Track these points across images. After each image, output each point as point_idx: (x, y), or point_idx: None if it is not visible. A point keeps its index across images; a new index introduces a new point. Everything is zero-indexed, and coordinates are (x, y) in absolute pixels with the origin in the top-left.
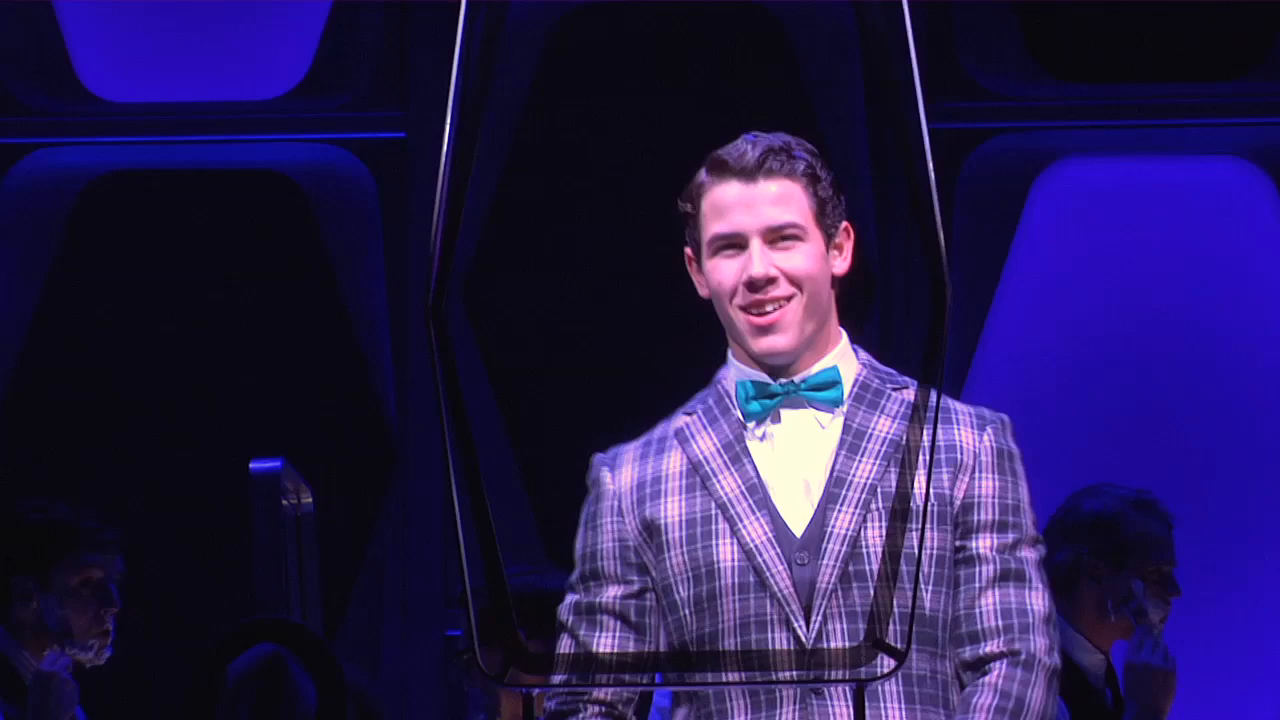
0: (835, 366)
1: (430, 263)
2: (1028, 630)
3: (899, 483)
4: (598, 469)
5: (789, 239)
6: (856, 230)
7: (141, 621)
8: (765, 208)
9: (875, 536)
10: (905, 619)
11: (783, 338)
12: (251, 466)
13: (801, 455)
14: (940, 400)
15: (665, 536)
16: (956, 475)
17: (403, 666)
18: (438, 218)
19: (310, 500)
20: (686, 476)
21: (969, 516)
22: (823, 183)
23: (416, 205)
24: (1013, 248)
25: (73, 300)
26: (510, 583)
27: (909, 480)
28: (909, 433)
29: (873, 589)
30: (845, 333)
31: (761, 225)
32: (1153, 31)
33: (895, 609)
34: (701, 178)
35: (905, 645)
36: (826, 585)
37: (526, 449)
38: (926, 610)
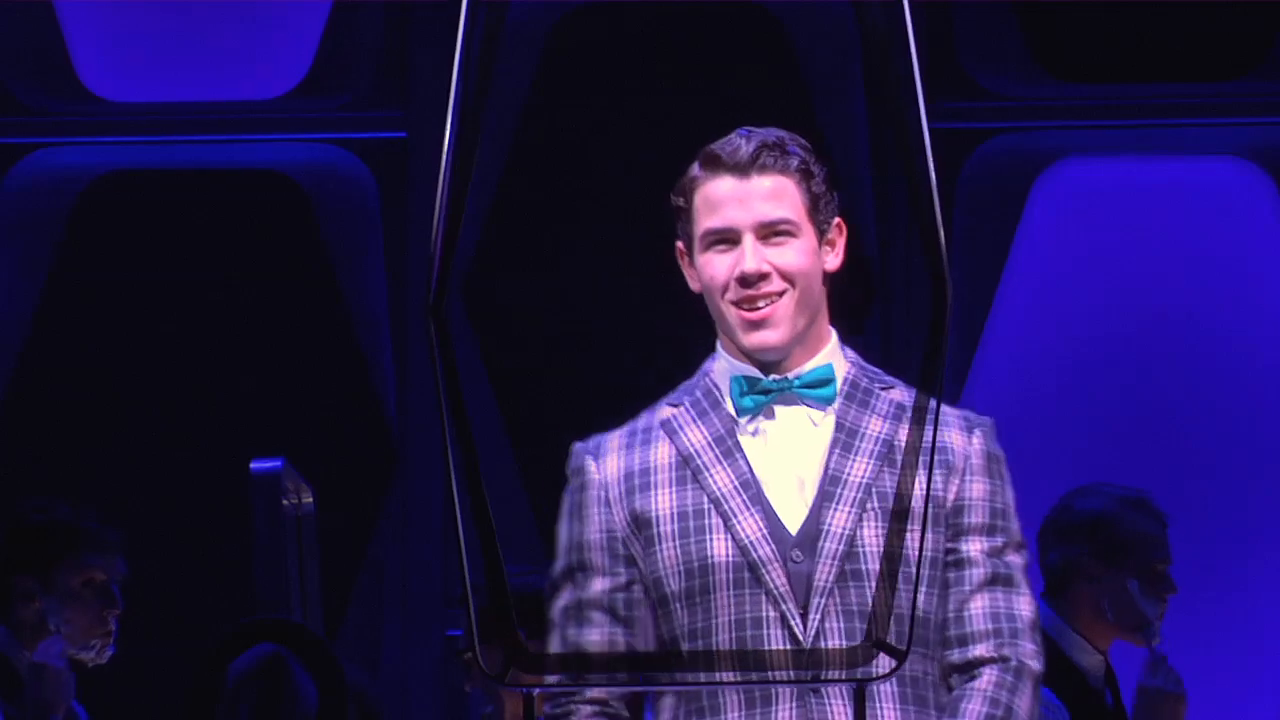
0: (830, 364)
1: (430, 263)
2: (1016, 635)
3: (895, 483)
4: (580, 457)
5: (782, 234)
6: (849, 226)
7: (142, 621)
8: (758, 203)
9: (871, 536)
10: (903, 619)
11: (774, 333)
12: (252, 466)
13: (795, 452)
14: (940, 403)
15: (656, 530)
16: (948, 477)
17: (403, 666)
18: (438, 218)
19: (310, 500)
20: (677, 469)
21: (959, 519)
22: (816, 178)
23: (416, 205)
24: (1013, 248)
25: (73, 300)
26: (510, 583)
27: (909, 481)
28: (902, 433)
29: (868, 588)
30: (835, 330)
31: (754, 221)
32: (1153, 31)
33: (895, 609)
34: (694, 172)
35: (906, 646)
36: (824, 583)
37: (526, 449)
38: (919, 610)
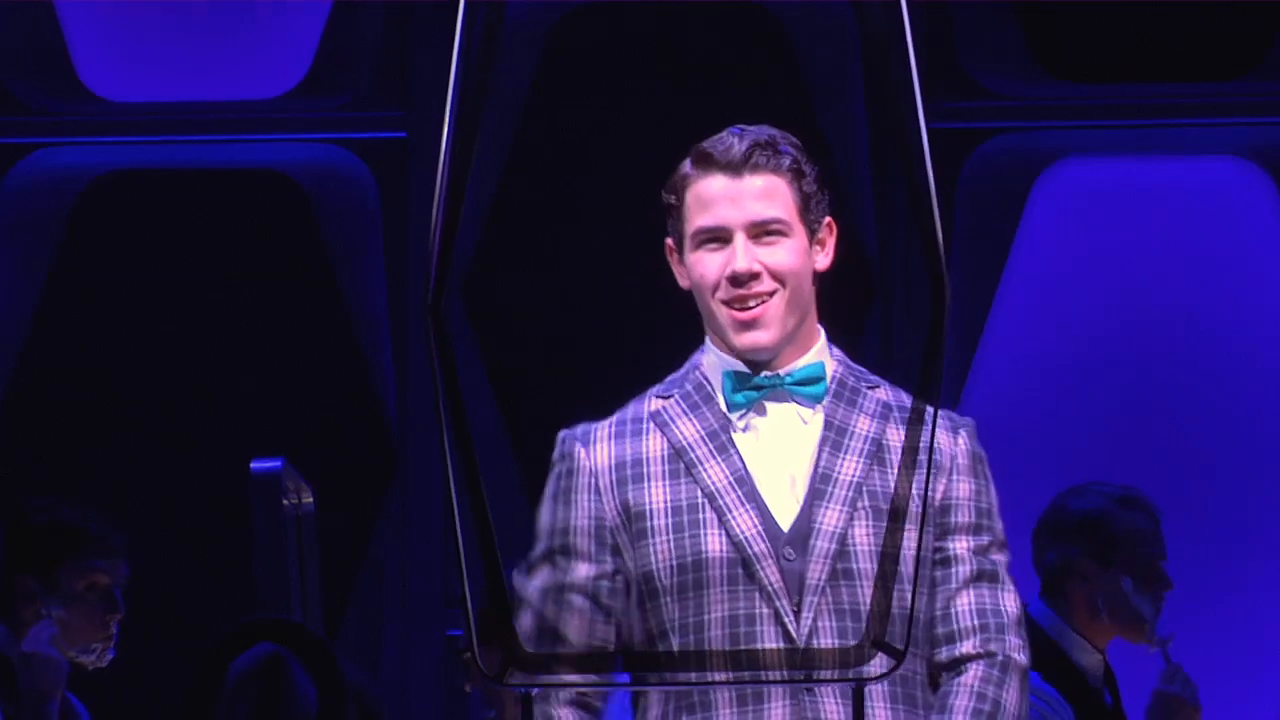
0: (820, 362)
1: (430, 262)
2: (1003, 631)
3: (886, 483)
4: (569, 443)
5: (773, 234)
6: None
7: (142, 621)
8: (750, 202)
9: (862, 535)
10: (899, 619)
11: (765, 333)
12: (252, 466)
13: (786, 450)
14: (939, 404)
15: (649, 523)
16: (936, 476)
17: (403, 666)
18: (437, 218)
19: (311, 500)
20: (669, 462)
21: (946, 518)
22: (807, 178)
23: (416, 205)
24: (1013, 248)
25: (73, 300)
26: (510, 583)
27: (907, 481)
28: (889, 432)
29: (859, 588)
30: (823, 329)
31: (746, 220)
32: (1153, 31)
33: (891, 609)
34: (686, 169)
35: (905, 646)
36: (817, 582)
37: (526, 449)
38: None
